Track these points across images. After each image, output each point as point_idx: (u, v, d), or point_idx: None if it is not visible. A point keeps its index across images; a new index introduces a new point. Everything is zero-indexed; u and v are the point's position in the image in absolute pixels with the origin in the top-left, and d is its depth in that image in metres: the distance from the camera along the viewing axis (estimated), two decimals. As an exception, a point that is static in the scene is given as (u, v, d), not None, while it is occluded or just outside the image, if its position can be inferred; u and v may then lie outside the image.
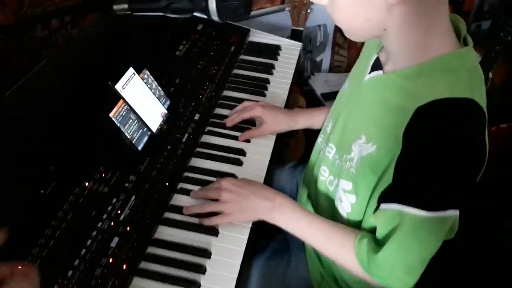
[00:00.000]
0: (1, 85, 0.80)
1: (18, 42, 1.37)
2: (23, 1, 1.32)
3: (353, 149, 0.70)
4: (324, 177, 0.83)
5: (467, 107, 0.58)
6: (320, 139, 0.90)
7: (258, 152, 0.94)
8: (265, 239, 0.95)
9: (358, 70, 0.78)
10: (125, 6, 0.74)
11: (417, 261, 0.61)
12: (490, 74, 1.80)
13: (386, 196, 0.63)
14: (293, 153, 1.74)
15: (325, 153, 0.82)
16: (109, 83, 0.81)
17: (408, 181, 0.60)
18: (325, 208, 0.83)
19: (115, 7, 0.75)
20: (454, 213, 0.59)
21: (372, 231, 0.68)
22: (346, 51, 2.00)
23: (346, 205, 0.73)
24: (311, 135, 1.00)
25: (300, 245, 0.90)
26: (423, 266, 0.62)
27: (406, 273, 0.62)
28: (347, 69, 2.02)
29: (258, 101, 1.03)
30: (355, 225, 0.73)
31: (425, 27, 0.60)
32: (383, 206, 0.63)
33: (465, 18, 2.28)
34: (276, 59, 1.22)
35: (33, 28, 1.37)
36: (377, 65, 0.71)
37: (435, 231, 0.59)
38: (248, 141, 0.96)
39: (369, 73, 0.72)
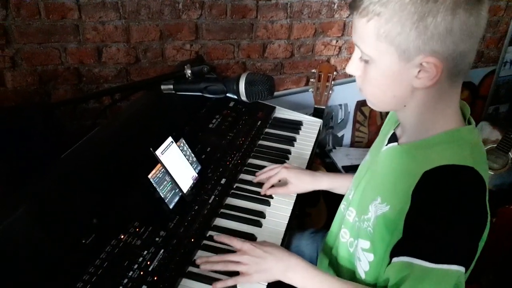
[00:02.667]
0: (60, 147, 0.94)
1: (75, 112, 1.58)
2: (81, 78, 1.55)
3: (370, 210, 0.78)
4: (345, 239, 0.89)
5: (468, 174, 0.66)
6: (342, 206, 0.97)
7: (277, 216, 1.01)
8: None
9: (378, 143, 0.89)
10: (171, 86, 0.89)
11: None
12: (510, 155, 1.84)
13: (397, 250, 0.68)
14: (315, 223, 1.77)
15: (345, 217, 0.90)
16: (151, 149, 0.94)
17: (415, 235, 0.66)
18: (346, 270, 0.88)
19: (162, 87, 0.90)
20: (458, 269, 0.62)
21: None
22: (367, 128, 2.11)
23: (365, 263, 0.79)
24: (332, 205, 1.06)
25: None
26: None
27: None
28: (367, 144, 2.13)
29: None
30: (373, 285, 0.78)
31: (439, 109, 0.70)
32: (394, 259, 0.68)
33: (482, 102, 2.40)
34: (298, 133, 1.35)
35: (86, 101, 1.59)
36: (393, 138, 0.81)
37: (439, 282, 0.62)
38: (268, 203, 1.04)
39: (386, 145, 0.82)
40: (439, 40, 0.61)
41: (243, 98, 0.86)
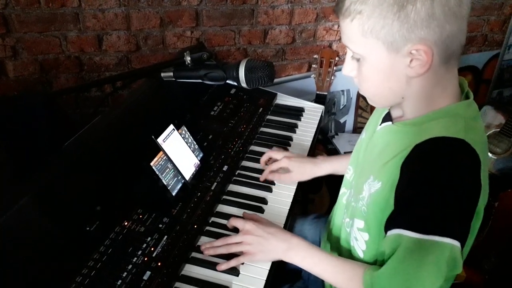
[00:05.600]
0: (63, 136, 0.95)
1: (77, 101, 1.58)
2: (82, 67, 1.55)
3: (364, 189, 0.78)
4: (345, 221, 0.89)
5: (458, 145, 0.65)
6: (343, 189, 0.98)
7: (279, 202, 1.02)
8: (285, 283, 1.00)
9: (373, 122, 0.88)
10: (171, 74, 0.89)
11: (414, 279, 0.63)
12: (513, 139, 1.83)
13: (389, 223, 0.69)
14: (318, 209, 1.78)
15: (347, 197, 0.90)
16: (152, 136, 0.94)
17: (404, 207, 0.67)
18: (345, 251, 0.89)
19: (162, 74, 0.90)
20: (451, 242, 0.61)
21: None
22: (369, 114, 2.10)
23: (361, 243, 0.80)
24: (335, 191, 1.07)
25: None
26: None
27: None
28: (370, 131, 2.11)
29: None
30: (372, 263, 0.78)
31: (436, 93, 0.70)
32: (388, 233, 0.68)
33: (485, 86, 2.37)
34: (299, 120, 1.35)
35: (88, 90, 1.59)
36: (387, 117, 0.81)
37: (430, 254, 0.61)
38: (270, 189, 1.05)
39: (380, 124, 0.81)
40: (423, 26, 0.62)
41: (243, 84, 0.86)
